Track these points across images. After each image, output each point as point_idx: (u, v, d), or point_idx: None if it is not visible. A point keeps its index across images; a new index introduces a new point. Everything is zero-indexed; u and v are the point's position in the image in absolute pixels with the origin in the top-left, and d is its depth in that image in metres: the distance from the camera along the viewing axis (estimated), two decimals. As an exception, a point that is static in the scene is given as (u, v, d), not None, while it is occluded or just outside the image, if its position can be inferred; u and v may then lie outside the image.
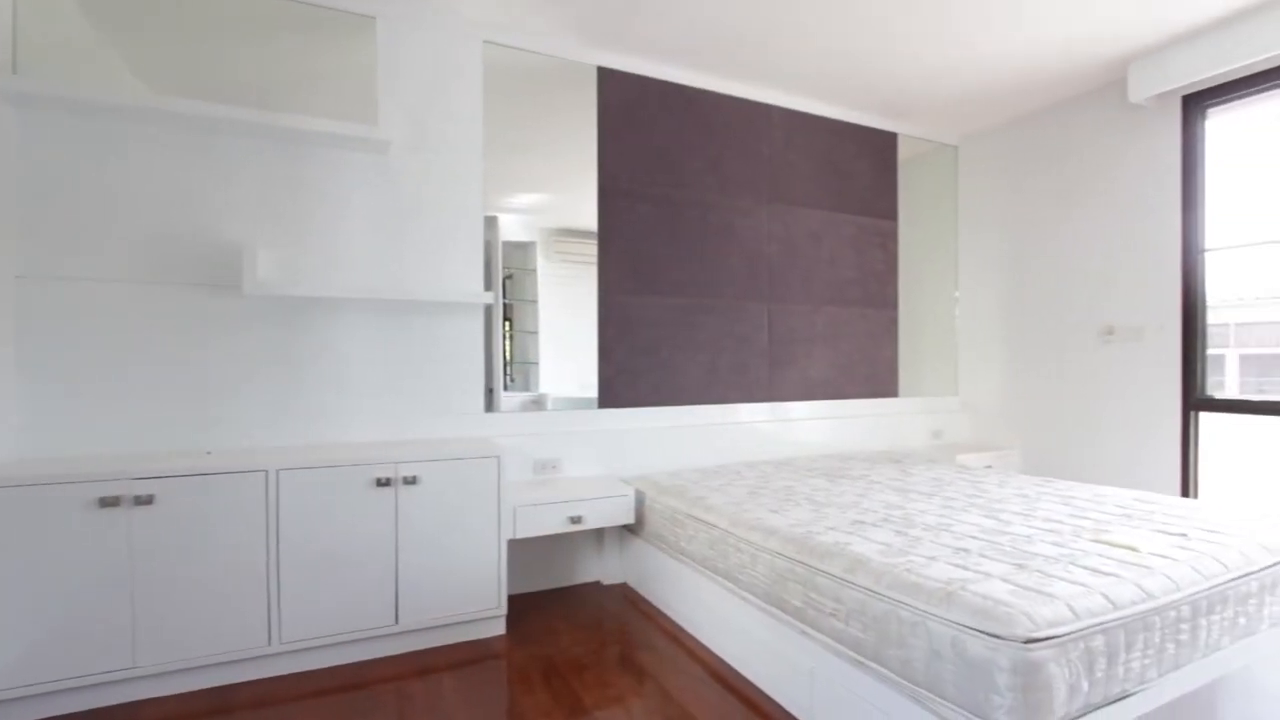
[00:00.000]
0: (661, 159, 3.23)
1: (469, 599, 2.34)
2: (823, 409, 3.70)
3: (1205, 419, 3.15)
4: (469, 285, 2.76)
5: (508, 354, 2.95)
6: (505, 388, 2.92)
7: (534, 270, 2.99)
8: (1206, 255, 3.13)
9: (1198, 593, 1.57)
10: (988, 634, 1.30)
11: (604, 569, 3.00)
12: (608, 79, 3.08)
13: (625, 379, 3.13)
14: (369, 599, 2.19)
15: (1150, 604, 1.47)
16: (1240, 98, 2.98)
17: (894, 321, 4.00)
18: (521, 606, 2.70)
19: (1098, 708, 1.36)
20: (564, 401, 3.02)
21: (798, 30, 2.86)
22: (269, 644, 2.06)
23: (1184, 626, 1.53)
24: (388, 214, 2.63)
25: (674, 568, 2.53)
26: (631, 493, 2.74)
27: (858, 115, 3.83)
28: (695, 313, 3.31)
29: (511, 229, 2.94)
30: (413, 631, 2.28)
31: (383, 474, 2.20)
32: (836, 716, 1.69)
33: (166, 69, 2.31)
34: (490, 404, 2.84)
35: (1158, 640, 1.47)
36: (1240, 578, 1.68)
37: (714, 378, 3.36)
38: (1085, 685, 1.33)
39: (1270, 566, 1.76)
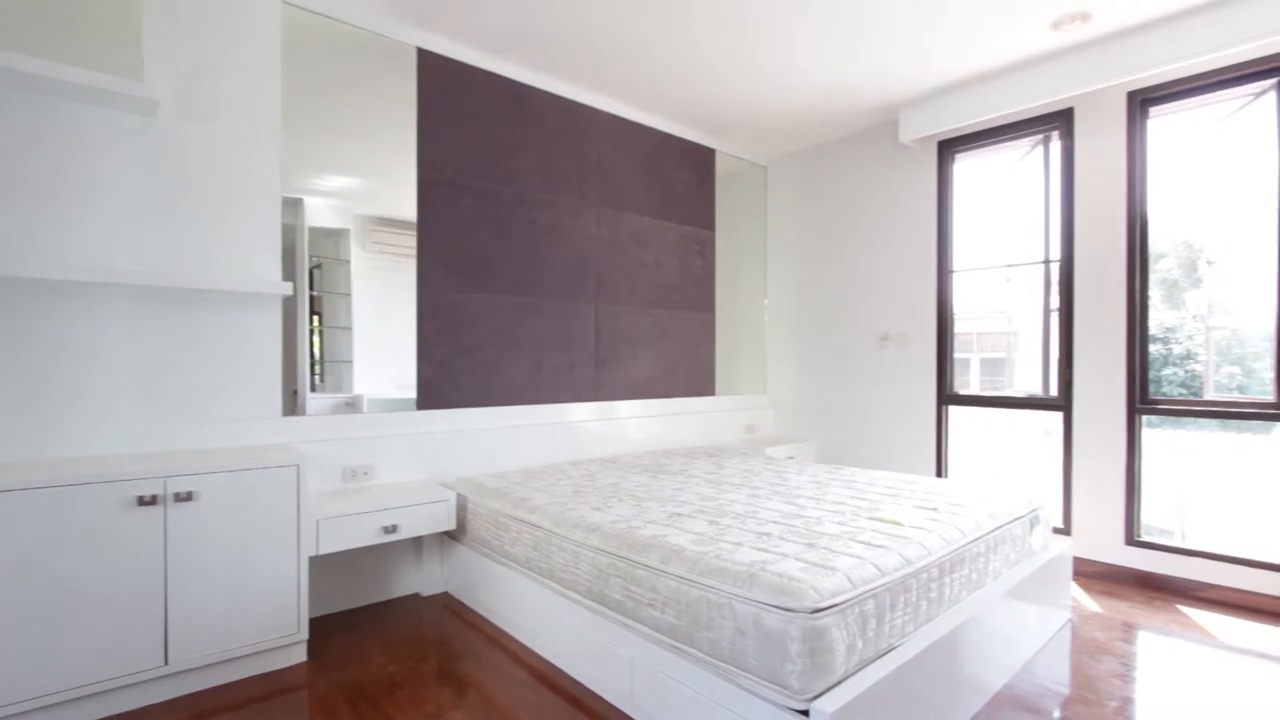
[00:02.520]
0: (488, 153, 3.14)
1: (262, 627, 2.08)
2: (647, 408, 3.85)
3: (954, 411, 3.79)
4: (264, 273, 2.45)
5: (316, 351, 2.68)
6: (313, 389, 2.65)
7: (347, 261, 2.75)
8: (955, 275, 3.76)
9: (944, 556, 1.88)
10: (782, 608, 1.44)
11: (423, 579, 2.84)
12: (430, 63, 2.93)
13: (447, 379, 2.99)
14: (128, 640, 1.86)
15: (909, 569, 1.72)
16: (979, 147, 3.63)
17: (712, 325, 4.28)
18: (327, 628, 2.47)
19: (870, 662, 1.56)
20: (381, 403, 2.81)
21: (620, 41, 2.94)
22: (-20, 709, 1.66)
23: (933, 585, 1.82)
24: (158, 187, 2.24)
25: (497, 572, 2.47)
26: (453, 497, 2.63)
27: (680, 129, 4.04)
28: (522, 311, 3.27)
29: (320, 214, 2.67)
30: (189, 671, 1.98)
31: (146, 490, 1.87)
32: (654, 701, 1.77)
33: None
34: (294, 407, 2.56)
35: (914, 599, 1.74)
36: (974, 541, 2.04)
37: (541, 377, 3.34)
38: (860, 644, 1.53)
39: (994, 530, 2.16)
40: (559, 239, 3.42)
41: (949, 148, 3.72)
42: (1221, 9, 2.61)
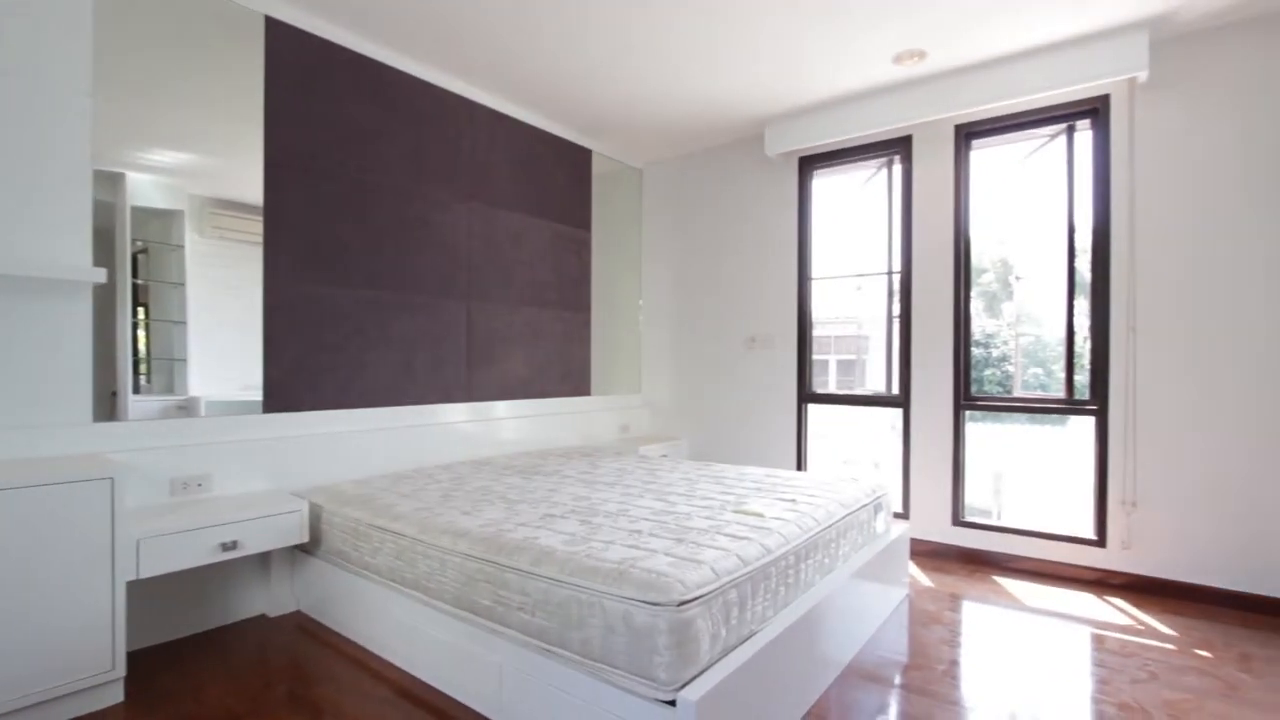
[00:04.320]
0: (349, 137, 2.93)
1: (66, 667, 1.80)
2: (522, 408, 3.78)
3: (812, 409, 4.08)
4: (68, 257, 2.12)
5: (141, 348, 2.37)
6: (136, 390, 2.33)
7: (180, 247, 2.45)
8: (814, 283, 4.05)
9: (800, 544, 2.01)
10: (650, 603, 1.47)
11: (271, 599, 2.59)
12: (280, 34, 2.68)
13: (301, 379, 2.75)
14: (-126, 696, 1.53)
15: (769, 558, 1.83)
16: (835, 165, 3.93)
17: (588, 325, 4.29)
18: (154, 661, 2.18)
19: (733, 648, 1.64)
20: (222, 405, 2.53)
21: (496, 31, 2.87)
22: None
23: (790, 572, 1.94)
24: (-76, 149, 1.87)
25: (357, 585, 2.31)
26: (305, 507, 2.42)
27: (558, 127, 4.01)
28: (387, 308, 3.08)
29: (147, 192, 2.36)
30: (-39, 727, 1.66)
31: (-96, 514, 1.55)
32: (525, 707, 1.73)
33: None
34: (112, 411, 2.24)
35: (774, 586, 1.84)
36: (826, 528, 2.20)
37: (409, 377, 3.17)
38: (724, 632, 1.60)
39: (844, 518, 2.35)
40: (429, 233, 3.27)
41: (809, 164, 4.00)
42: (1026, 61, 3.02)
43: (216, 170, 2.54)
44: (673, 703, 1.44)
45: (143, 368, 2.38)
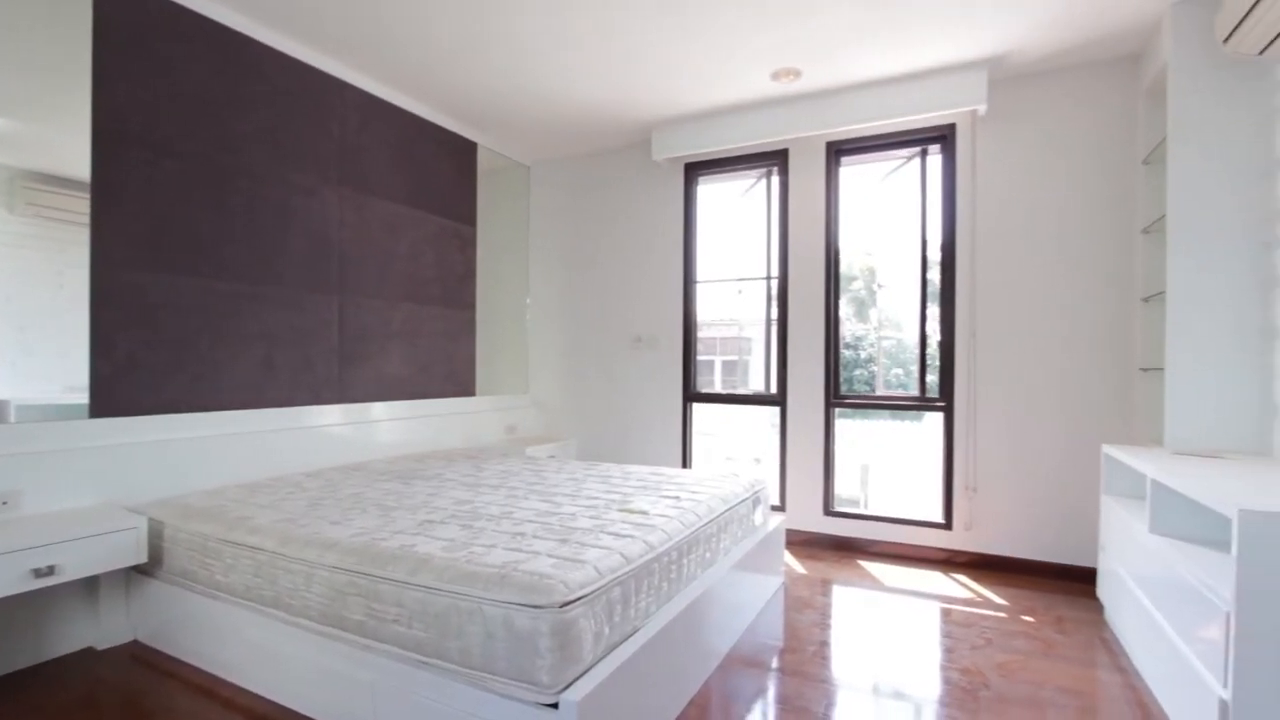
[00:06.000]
0: (201, 111, 2.64)
1: None
2: (402, 409, 3.59)
3: (698, 408, 4.20)
4: None
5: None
6: (-78, 394, 1.98)
7: (-17, 226, 2.10)
8: (698, 286, 4.17)
9: (683, 539, 2.06)
10: (532, 606, 1.45)
11: (100, 629, 2.28)
12: (117, -10, 2.37)
13: (138, 378, 2.45)
14: None
15: (652, 554, 1.86)
16: (718, 173, 4.07)
17: (472, 322, 4.15)
18: (-64, 714, 1.85)
19: (616, 646, 1.65)
20: (39, 410, 2.19)
21: (374, 10, 2.71)
22: None
23: (673, 567, 1.99)
24: None
25: (206, 608, 2.09)
26: (143, 523, 2.16)
27: (441, 117, 3.85)
28: (245, 299, 2.81)
29: (-65, 160, 2.00)
30: None
31: None
32: (398, 724, 1.65)
33: None
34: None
35: (656, 581, 1.88)
36: (708, 523, 2.28)
37: (270, 377, 2.91)
38: (607, 630, 1.60)
39: (725, 512, 2.44)
40: (293, 220, 3.02)
41: (694, 170, 4.12)
42: (885, 88, 3.29)
43: (30, 138, 2.20)
44: (555, 705, 1.43)
45: (-69, 367, 2.03)
